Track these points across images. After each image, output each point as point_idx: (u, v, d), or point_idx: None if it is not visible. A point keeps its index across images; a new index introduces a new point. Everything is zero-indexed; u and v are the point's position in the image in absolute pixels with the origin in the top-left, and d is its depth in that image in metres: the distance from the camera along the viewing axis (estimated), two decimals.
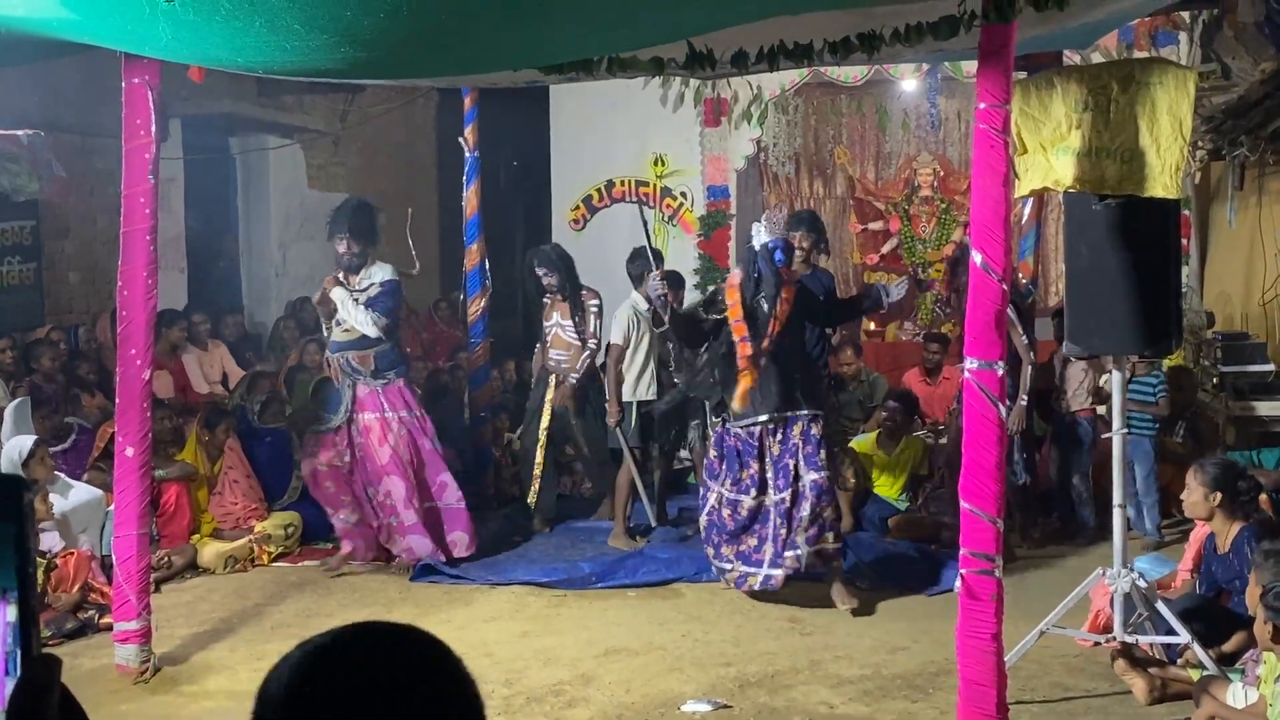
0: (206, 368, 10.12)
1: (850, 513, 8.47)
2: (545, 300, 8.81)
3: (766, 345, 6.86)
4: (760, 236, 7.04)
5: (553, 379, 8.75)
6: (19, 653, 1.34)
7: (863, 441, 8.99)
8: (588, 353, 8.68)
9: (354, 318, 7.82)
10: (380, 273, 7.96)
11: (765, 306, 6.86)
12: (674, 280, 8.45)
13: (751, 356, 6.77)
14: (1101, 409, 8.45)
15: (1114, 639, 5.77)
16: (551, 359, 8.80)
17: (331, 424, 8.08)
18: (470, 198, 9.49)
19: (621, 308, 8.55)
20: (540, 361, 9.02)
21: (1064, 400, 8.49)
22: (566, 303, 8.68)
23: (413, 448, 8.06)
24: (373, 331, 7.85)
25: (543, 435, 8.77)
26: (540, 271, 8.73)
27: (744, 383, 6.78)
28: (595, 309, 8.70)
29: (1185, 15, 9.91)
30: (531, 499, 8.85)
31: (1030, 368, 7.86)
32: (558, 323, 8.73)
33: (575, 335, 8.65)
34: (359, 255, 7.95)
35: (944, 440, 8.74)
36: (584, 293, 8.76)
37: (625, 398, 8.49)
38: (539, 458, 8.79)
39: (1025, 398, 7.78)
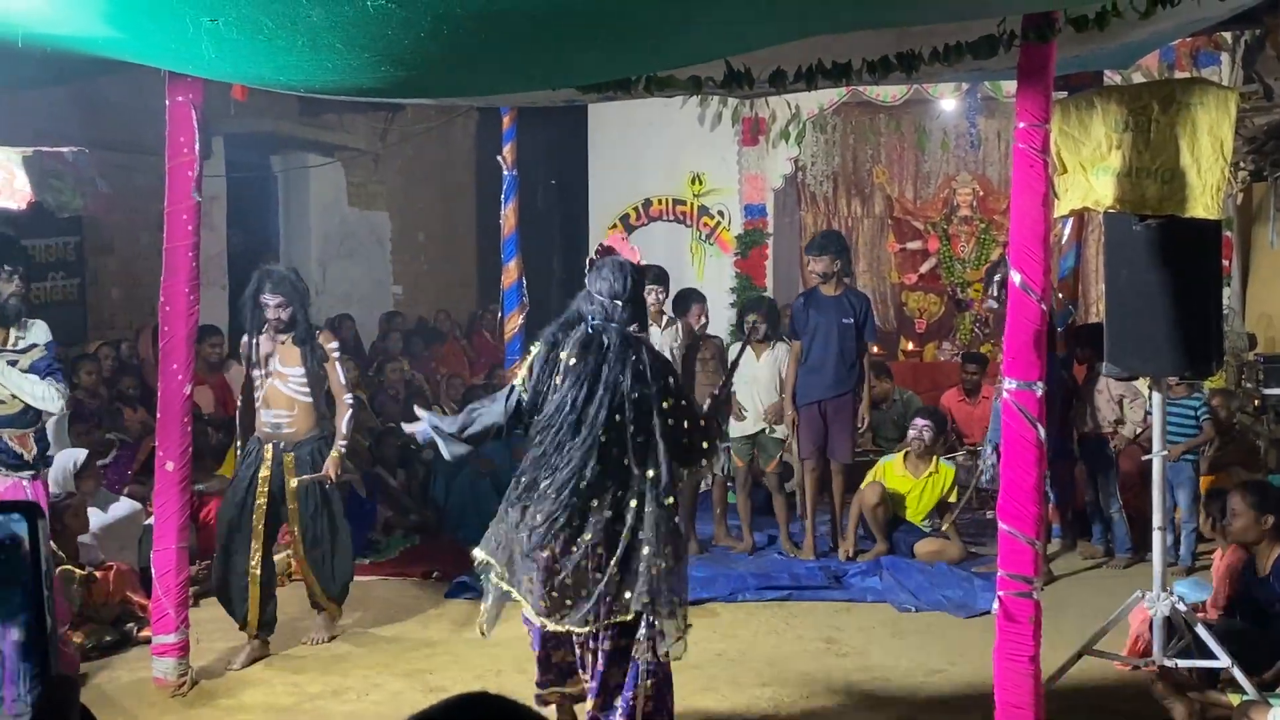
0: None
1: (883, 537, 8.43)
2: (259, 340, 6.76)
3: None
4: None
5: (268, 450, 6.71)
6: (30, 672, 1.37)
7: (890, 463, 8.95)
8: (350, 411, 6.90)
9: (26, 389, 6.03)
10: (42, 332, 6.24)
11: None
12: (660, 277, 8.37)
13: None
14: (1125, 429, 8.41)
15: (1153, 662, 5.72)
16: (265, 422, 6.76)
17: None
18: (508, 216, 9.52)
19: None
20: (245, 422, 6.97)
21: (1090, 420, 8.42)
22: (299, 346, 6.76)
23: None
24: (56, 406, 6.24)
25: (259, 525, 6.70)
26: (271, 300, 6.68)
27: None
28: (338, 354, 6.92)
29: (1227, 36, 9.85)
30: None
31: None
32: (277, 370, 6.73)
33: (305, 388, 6.75)
34: (20, 302, 6.28)
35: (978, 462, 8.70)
36: (320, 333, 6.97)
37: None
38: (253, 564, 6.67)
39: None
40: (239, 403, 7.19)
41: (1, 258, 6.13)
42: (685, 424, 4.94)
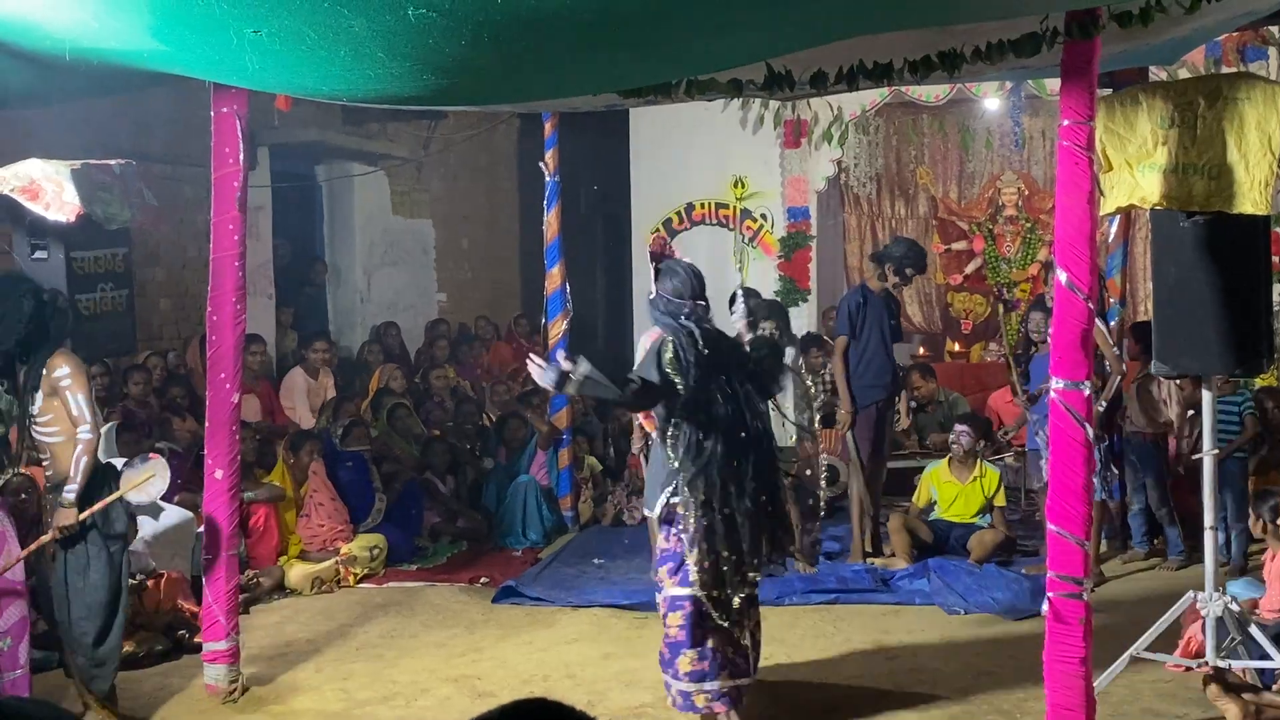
0: (314, 396, 10.25)
1: (907, 559, 8.34)
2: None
3: None
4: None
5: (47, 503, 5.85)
6: None
7: (936, 469, 8.91)
8: (83, 443, 5.60)
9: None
10: None
11: None
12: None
13: None
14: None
15: (1206, 664, 5.65)
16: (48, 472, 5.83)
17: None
18: (551, 222, 9.56)
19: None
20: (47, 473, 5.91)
21: (1128, 419, 8.34)
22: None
23: None
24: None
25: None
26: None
27: None
28: (66, 382, 5.60)
29: (1274, 30, 9.75)
30: None
31: (1119, 378, 7.78)
32: (32, 414, 5.70)
33: (55, 429, 5.66)
34: None
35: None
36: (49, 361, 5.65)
37: None
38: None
39: (1104, 402, 7.61)
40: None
41: None
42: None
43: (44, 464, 5.83)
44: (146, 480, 5.84)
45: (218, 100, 6.03)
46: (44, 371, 5.62)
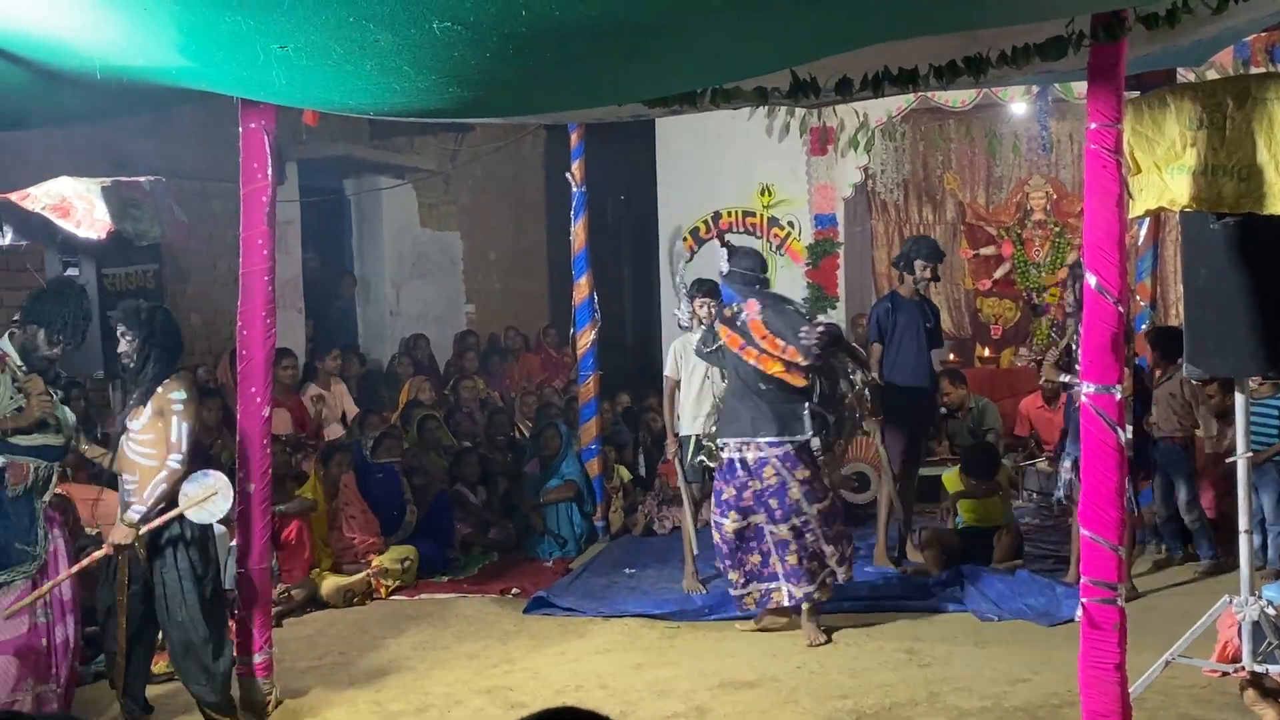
0: (329, 406, 10.29)
1: (936, 569, 8.32)
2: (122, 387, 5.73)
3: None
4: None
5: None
6: None
7: (950, 476, 8.91)
8: (169, 471, 5.67)
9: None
10: None
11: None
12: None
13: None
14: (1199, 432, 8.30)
15: (1243, 668, 5.60)
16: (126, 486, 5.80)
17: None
18: (578, 232, 9.58)
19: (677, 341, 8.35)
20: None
21: (1155, 424, 8.27)
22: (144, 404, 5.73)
23: None
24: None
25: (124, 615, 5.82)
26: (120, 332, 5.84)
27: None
28: (178, 407, 5.69)
29: None
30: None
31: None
32: (132, 431, 5.73)
33: (150, 451, 5.68)
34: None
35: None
36: (166, 381, 5.74)
37: (684, 431, 8.16)
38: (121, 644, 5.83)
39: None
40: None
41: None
42: None
43: (124, 480, 5.77)
44: (209, 498, 5.81)
45: (246, 116, 6.06)
46: (158, 389, 5.65)
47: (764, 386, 7.08)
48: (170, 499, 5.73)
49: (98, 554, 5.70)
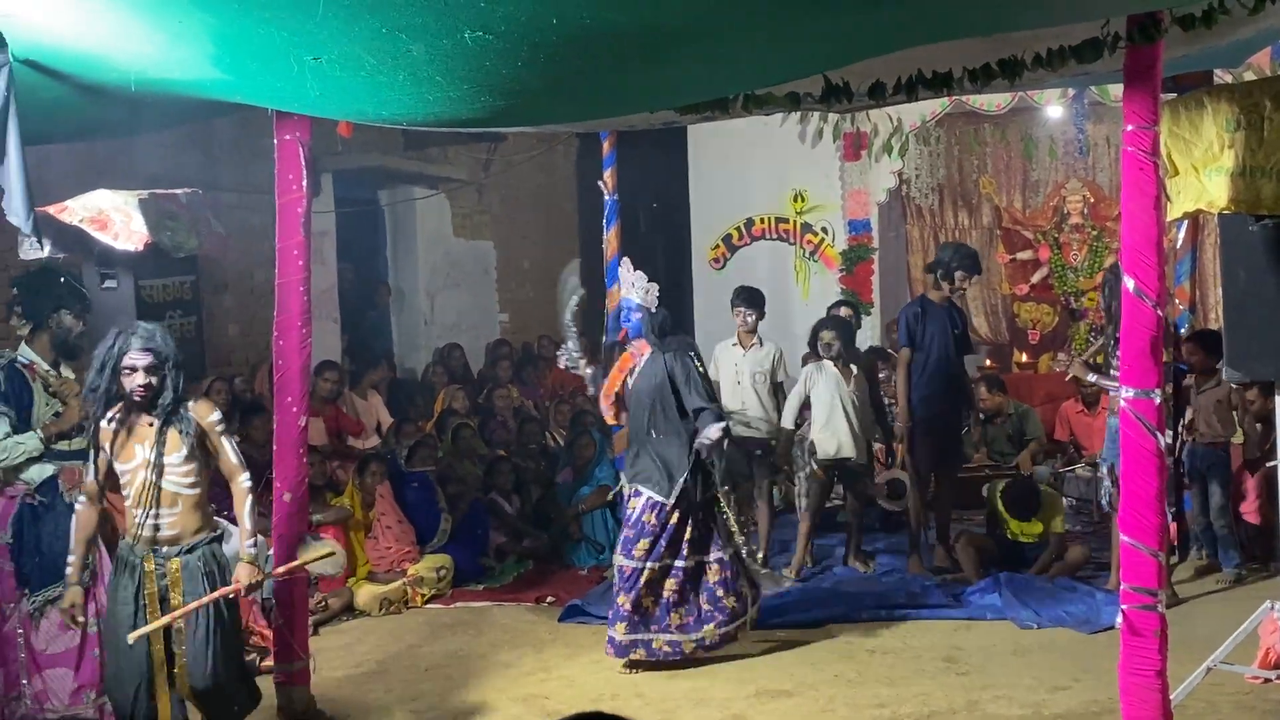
0: (362, 417, 10.31)
1: (975, 575, 8.22)
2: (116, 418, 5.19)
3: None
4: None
5: (150, 561, 5.18)
6: None
7: (994, 495, 8.83)
8: (249, 491, 5.36)
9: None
10: None
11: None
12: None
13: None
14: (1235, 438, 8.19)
15: None
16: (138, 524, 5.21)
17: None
18: (610, 240, 9.56)
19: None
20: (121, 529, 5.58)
21: (1195, 430, 8.18)
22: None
23: None
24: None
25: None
26: (142, 362, 5.12)
27: None
28: (220, 428, 5.33)
29: None
30: None
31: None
32: (170, 464, 5.16)
33: (194, 480, 5.21)
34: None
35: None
36: (191, 405, 5.27)
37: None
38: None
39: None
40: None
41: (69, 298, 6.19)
42: None
43: (160, 517, 5.14)
44: (326, 556, 6.51)
45: (280, 128, 6.10)
46: (192, 417, 5.14)
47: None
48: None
49: (227, 590, 5.17)
